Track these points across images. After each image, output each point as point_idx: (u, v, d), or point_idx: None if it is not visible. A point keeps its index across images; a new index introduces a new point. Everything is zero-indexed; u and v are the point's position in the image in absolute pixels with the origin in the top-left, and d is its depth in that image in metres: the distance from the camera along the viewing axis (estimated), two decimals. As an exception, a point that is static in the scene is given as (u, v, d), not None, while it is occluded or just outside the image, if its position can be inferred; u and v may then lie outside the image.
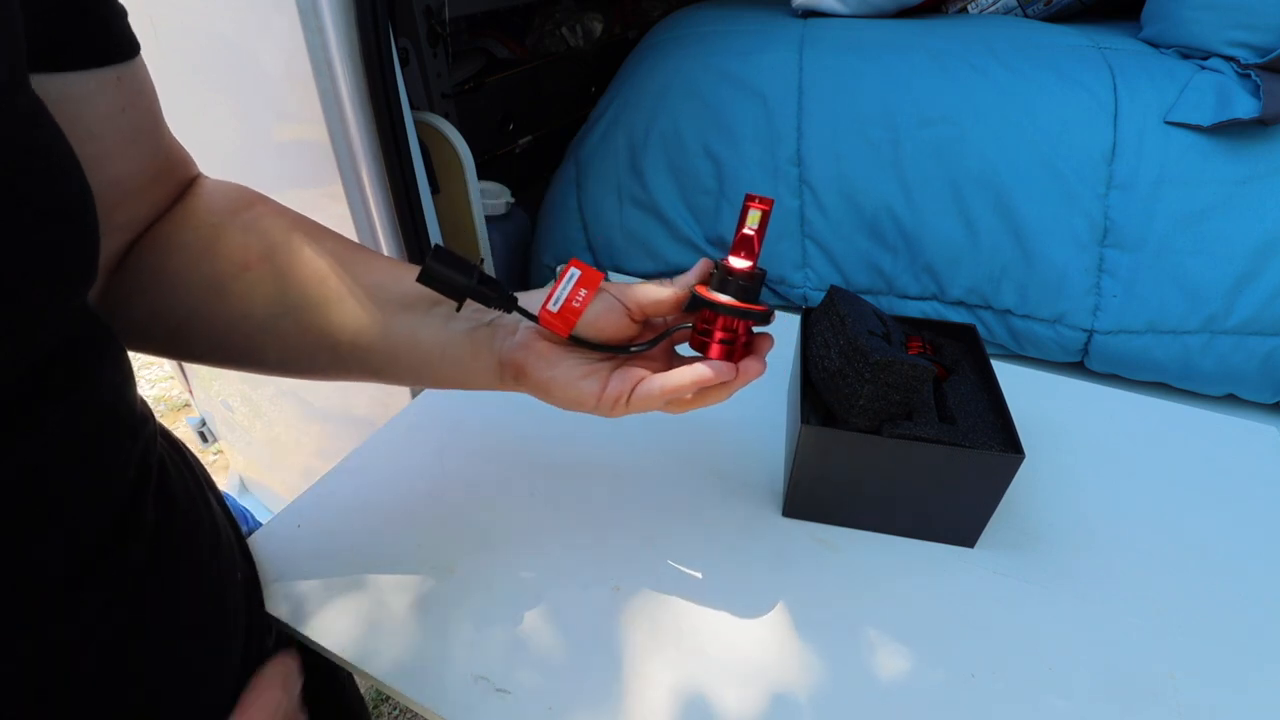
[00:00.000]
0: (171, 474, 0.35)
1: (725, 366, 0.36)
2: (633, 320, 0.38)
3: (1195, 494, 0.53)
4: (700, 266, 0.38)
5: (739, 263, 0.36)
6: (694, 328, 0.38)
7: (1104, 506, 0.52)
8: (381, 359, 0.38)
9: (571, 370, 0.37)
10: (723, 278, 0.36)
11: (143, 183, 0.35)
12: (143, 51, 0.33)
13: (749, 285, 0.36)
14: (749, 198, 0.36)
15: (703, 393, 0.37)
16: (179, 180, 0.38)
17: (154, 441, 0.33)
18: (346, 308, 0.37)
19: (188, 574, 0.34)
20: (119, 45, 0.31)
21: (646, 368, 0.38)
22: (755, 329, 0.38)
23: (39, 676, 0.26)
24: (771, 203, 0.36)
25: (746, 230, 0.36)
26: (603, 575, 0.46)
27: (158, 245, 0.36)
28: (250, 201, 0.38)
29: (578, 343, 0.37)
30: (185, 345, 0.39)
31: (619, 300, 0.37)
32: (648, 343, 0.38)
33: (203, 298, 0.36)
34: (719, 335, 0.37)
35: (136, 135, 0.33)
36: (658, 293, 0.37)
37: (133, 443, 0.30)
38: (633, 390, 0.36)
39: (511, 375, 0.38)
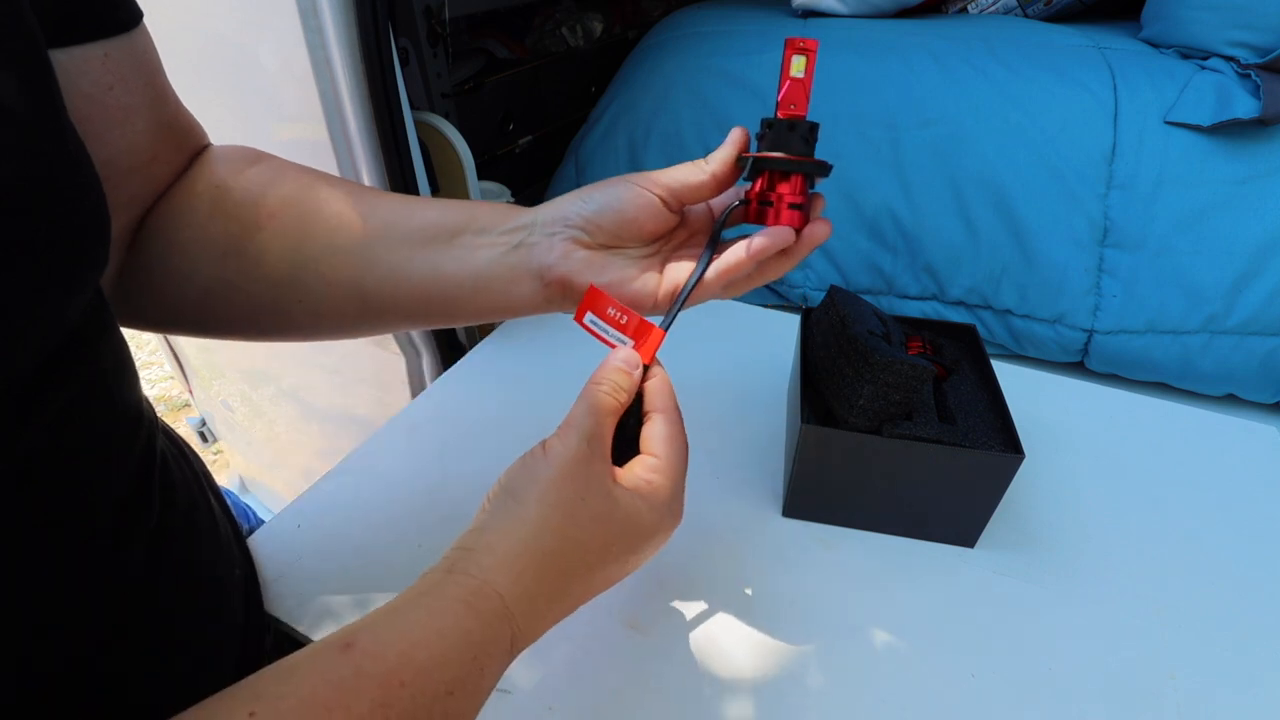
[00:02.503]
0: (172, 468, 0.35)
1: (785, 231, 0.33)
2: (670, 210, 0.35)
3: (1195, 494, 0.53)
4: (735, 136, 0.35)
5: (793, 114, 0.33)
6: (748, 202, 0.35)
7: (1104, 506, 0.52)
8: (411, 300, 0.37)
9: (623, 272, 0.35)
10: (781, 135, 0.33)
11: (142, 160, 0.33)
12: None
13: (810, 137, 0.33)
14: (790, 43, 0.32)
15: (768, 267, 0.35)
16: (187, 153, 0.37)
17: (155, 432, 0.33)
18: (366, 252, 0.36)
19: (185, 569, 0.34)
20: (111, 17, 0.30)
21: (689, 255, 0.36)
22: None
23: (35, 664, 0.26)
24: (816, 44, 0.32)
25: (794, 75, 0.32)
26: (603, 575, 0.46)
27: (168, 216, 0.35)
28: (254, 159, 0.38)
29: (669, 324, 0.35)
30: (214, 316, 0.38)
31: (650, 191, 0.35)
32: (708, 246, 0.35)
33: (220, 261, 0.35)
34: (788, 199, 0.33)
35: (129, 113, 0.32)
36: (693, 175, 0.35)
37: (135, 431, 0.30)
38: None
39: (558, 292, 0.36)
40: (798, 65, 0.32)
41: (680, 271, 0.35)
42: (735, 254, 0.34)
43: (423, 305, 0.37)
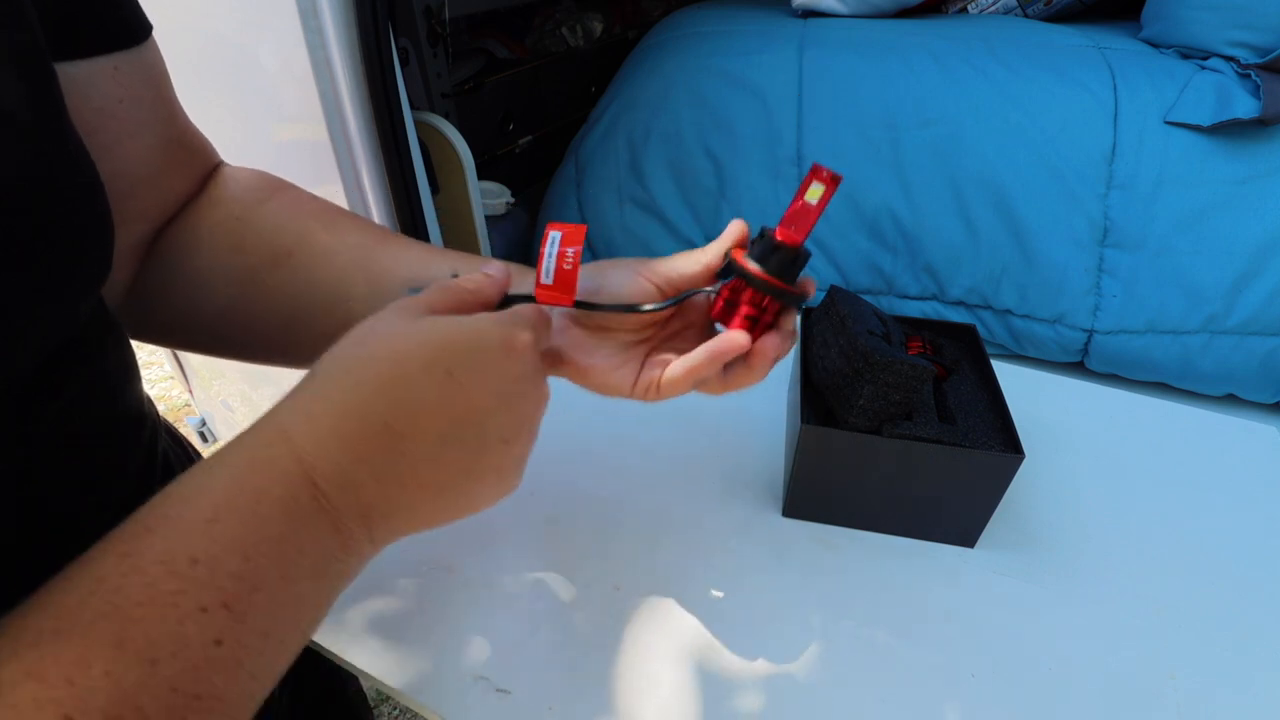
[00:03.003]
0: (175, 468, 0.35)
1: (742, 338, 0.34)
2: (665, 297, 0.36)
3: (1195, 494, 0.53)
4: (734, 229, 0.36)
5: (787, 236, 0.33)
6: (721, 295, 0.35)
7: (1104, 506, 0.52)
8: None
9: (608, 358, 0.36)
10: (766, 250, 0.33)
11: (152, 173, 0.34)
12: None
13: (793, 264, 0.33)
14: (816, 168, 0.32)
15: (732, 375, 0.36)
16: (198, 169, 0.37)
17: (159, 433, 0.33)
18: (379, 303, 0.36)
19: None
20: (120, 30, 0.30)
21: (679, 348, 0.37)
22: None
23: None
24: (839, 180, 0.32)
25: (806, 200, 0.32)
26: (603, 575, 0.46)
27: (184, 238, 0.35)
28: (272, 190, 0.38)
29: (583, 306, 0.35)
30: (226, 340, 0.38)
31: (647, 279, 0.36)
32: (662, 304, 0.36)
33: (236, 292, 0.36)
34: (744, 309, 0.34)
35: (139, 127, 0.32)
36: (689, 267, 0.36)
37: (137, 432, 0.30)
38: (662, 376, 0.36)
39: (549, 362, 0.37)
40: (814, 193, 0.32)
41: (657, 365, 0.36)
42: (697, 355, 0.35)
43: None
